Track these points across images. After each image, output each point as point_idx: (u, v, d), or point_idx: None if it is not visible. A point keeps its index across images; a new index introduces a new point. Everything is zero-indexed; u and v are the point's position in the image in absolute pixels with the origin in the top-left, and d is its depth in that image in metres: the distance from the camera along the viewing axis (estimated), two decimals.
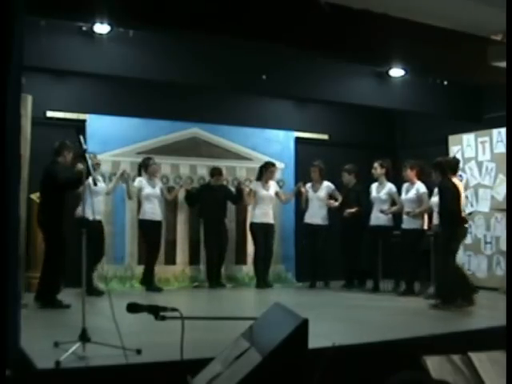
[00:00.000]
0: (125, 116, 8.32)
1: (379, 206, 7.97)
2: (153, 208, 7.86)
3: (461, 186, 6.78)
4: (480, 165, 8.69)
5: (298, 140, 9.47)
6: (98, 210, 6.86)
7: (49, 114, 7.98)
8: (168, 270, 8.38)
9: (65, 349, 3.85)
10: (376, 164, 8.13)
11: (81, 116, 8.11)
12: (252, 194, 8.62)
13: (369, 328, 5.31)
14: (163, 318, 2.71)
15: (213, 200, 8.33)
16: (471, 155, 8.79)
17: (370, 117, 9.91)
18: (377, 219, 8.01)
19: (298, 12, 5.69)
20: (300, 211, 8.88)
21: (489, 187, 8.54)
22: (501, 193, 8.30)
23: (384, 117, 10.22)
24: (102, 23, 6.20)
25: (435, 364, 3.72)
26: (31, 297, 6.15)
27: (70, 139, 6.24)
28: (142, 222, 7.90)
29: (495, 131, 8.41)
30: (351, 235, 8.30)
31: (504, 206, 7.71)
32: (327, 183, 8.63)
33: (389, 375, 2.24)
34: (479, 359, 3.83)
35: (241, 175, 8.99)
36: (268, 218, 8.51)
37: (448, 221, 6.50)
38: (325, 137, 9.85)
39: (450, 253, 6.52)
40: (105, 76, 7.31)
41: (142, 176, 7.96)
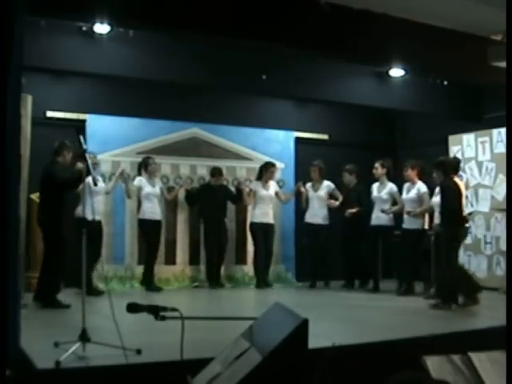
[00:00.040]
0: (125, 116, 8.32)
1: (380, 206, 7.97)
2: (152, 207, 7.86)
3: (462, 186, 6.79)
4: (480, 165, 8.68)
5: (298, 140, 9.47)
6: (98, 210, 6.86)
7: (49, 114, 7.98)
8: (168, 270, 8.38)
9: (65, 349, 3.85)
10: (377, 164, 8.13)
11: (81, 116, 8.11)
12: (252, 194, 8.62)
13: (369, 328, 5.31)
14: (163, 318, 2.71)
15: (213, 200, 8.33)
16: (471, 155, 8.79)
17: (370, 117, 9.91)
18: (378, 219, 8.01)
19: (298, 12, 5.69)
20: (300, 211, 8.88)
21: (489, 187, 8.54)
22: (501, 193, 8.30)
23: (384, 117, 10.23)
24: (102, 23, 6.20)
25: (435, 364, 3.72)
26: (31, 297, 6.14)
27: (70, 139, 6.24)
28: (142, 222, 7.91)
29: (495, 131, 8.41)
30: (352, 235, 8.29)
31: (504, 206, 7.71)
32: (327, 182, 8.63)
33: (389, 375, 2.24)
34: (479, 359, 3.83)
35: (241, 175, 8.99)
36: (268, 218, 8.52)
37: (449, 220, 6.50)
38: (325, 137, 9.85)
39: (452, 252, 6.51)
40: (105, 76, 7.31)
41: (142, 175, 7.97)
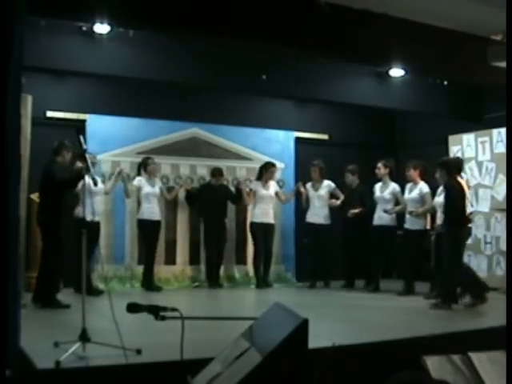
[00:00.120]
0: (125, 116, 8.32)
1: (383, 206, 7.94)
2: (151, 208, 7.85)
3: (466, 186, 6.78)
4: (480, 165, 8.68)
5: (298, 140, 9.47)
6: (97, 211, 6.86)
7: (49, 114, 7.98)
8: (168, 270, 8.38)
9: (65, 349, 3.85)
10: (380, 164, 8.10)
11: (81, 116, 8.11)
12: (252, 194, 8.62)
13: (369, 328, 5.31)
14: (163, 318, 2.71)
15: (213, 200, 8.33)
16: (471, 155, 8.79)
17: (370, 117, 9.91)
18: (380, 219, 7.98)
19: (298, 12, 5.70)
20: (300, 211, 8.88)
21: (489, 187, 8.53)
22: (501, 193, 8.30)
23: (384, 117, 10.23)
24: (102, 23, 6.21)
25: (435, 364, 3.72)
26: (31, 297, 6.14)
27: (70, 139, 6.25)
28: (141, 222, 7.91)
29: (495, 131, 8.41)
30: (355, 235, 8.28)
31: (504, 206, 7.71)
32: (328, 182, 8.61)
33: (389, 375, 2.23)
34: (479, 359, 3.83)
35: (241, 175, 8.98)
36: (268, 218, 8.51)
37: (454, 220, 6.46)
38: (325, 137, 9.85)
39: (457, 253, 6.49)
40: (105, 76, 7.32)
41: (142, 175, 7.96)
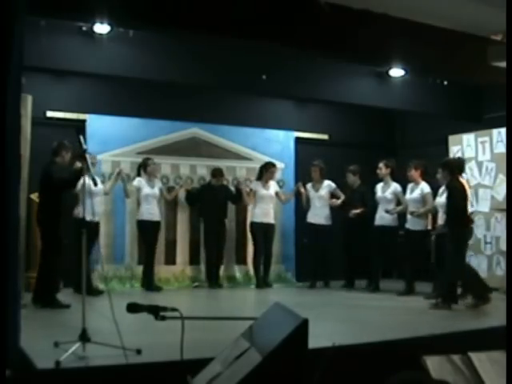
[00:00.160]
0: (125, 116, 8.32)
1: (385, 206, 7.93)
2: (150, 209, 7.84)
3: (467, 186, 6.77)
4: (480, 165, 8.68)
5: (298, 140, 9.47)
6: (97, 211, 6.85)
7: (49, 114, 7.98)
8: (168, 270, 8.38)
9: (65, 349, 3.84)
10: (381, 164, 8.08)
11: (81, 116, 8.11)
12: (252, 194, 8.62)
13: (369, 328, 5.31)
14: (163, 318, 2.70)
15: (214, 200, 8.32)
16: (471, 155, 8.79)
17: (370, 117, 9.91)
18: (382, 219, 7.97)
19: (298, 12, 5.69)
20: (300, 211, 8.87)
21: (489, 187, 8.53)
22: (501, 193, 8.30)
23: (384, 117, 10.23)
24: (102, 23, 6.21)
25: (435, 364, 3.72)
26: (31, 297, 6.14)
27: (70, 139, 6.24)
28: (140, 223, 7.90)
29: (495, 131, 8.41)
30: (356, 236, 8.27)
31: (504, 206, 7.70)
32: (328, 182, 8.60)
33: (389, 375, 2.23)
34: (479, 359, 3.82)
35: (241, 175, 8.98)
36: (269, 218, 8.50)
37: (456, 221, 6.45)
38: (325, 137, 9.85)
39: (460, 253, 6.47)
40: (105, 76, 7.32)
41: (142, 176, 7.96)
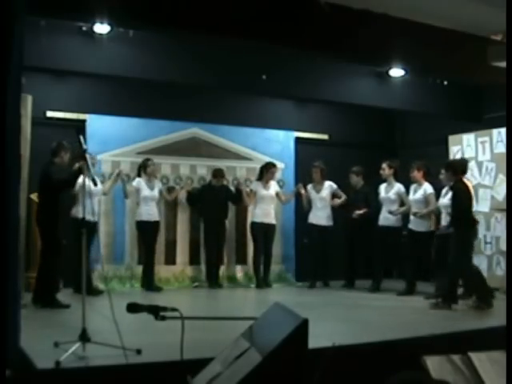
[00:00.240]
0: (125, 116, 8.31)
1: (388, 207, 7.92)
2: (149, 210, 7.83)
3: (471, 187, 6.77)
4: (480, 165, 8.68)
5: (298, 140, 9.47)
6: (96, 211, 6.84)
7: (49, 114, 7.98)
8: (168, 270, 8.37)
9: (65, 349, 3.85)
10: (384, 165, 8.06)
11: (81, 116, 8.10)
12: (252, 195, 8.62)
13: (369, 328, 5.31)
14: (163, 318, 2.71)
15: (214, 200, 8.32)
16: (471, 155, 8.78)
17: (370, 117, 9.91)
18: (386, 219, 7.94)
19: (298, 12, 5.69)
20: (300, 211, 8.87)
21: (489, 187, 8.53)
22: (501, 193, 8.29)
23: (384, 117, 10.23)
24: (102, 23, 6.21)
25: (435, 364, 3.72)
26: (31, 297, 6.14)
27: (70, 139, 6.24)
28: (139, 224, 7.89)
29: (495, 131, 8.40)
30: (360, 236, 8.27)
31: (504, 206, 7.70)
32: (329, 183, 8.59)
33: (389, 375, 2.23)
34: (479, 359, 3.82)
35: (241, 175, 8.98)
36: (269, 218, 8.50)
37: (461, 222, 6.43)
38: (325, 137, 9.85)
39: (465, 254, 6.46)
40: (105, 76, 7.32)
41: (141, 177, 7.95)
